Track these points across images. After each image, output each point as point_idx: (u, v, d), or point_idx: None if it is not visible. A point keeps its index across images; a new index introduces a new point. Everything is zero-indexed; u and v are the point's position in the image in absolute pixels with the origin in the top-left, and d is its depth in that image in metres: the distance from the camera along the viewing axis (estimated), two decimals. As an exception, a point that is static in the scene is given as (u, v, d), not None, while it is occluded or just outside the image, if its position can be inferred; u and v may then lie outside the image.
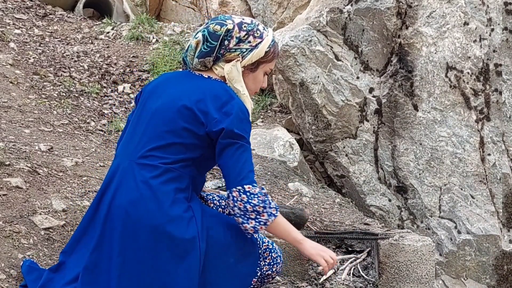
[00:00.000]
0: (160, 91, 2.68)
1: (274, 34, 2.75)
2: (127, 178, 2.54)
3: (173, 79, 2.72)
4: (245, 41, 2.63)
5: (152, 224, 2.48)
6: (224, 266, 2.63)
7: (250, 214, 2.51)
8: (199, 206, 2.61)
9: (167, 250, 2.49)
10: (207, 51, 2.63)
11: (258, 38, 2.65)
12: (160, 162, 2.53)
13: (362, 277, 3.36)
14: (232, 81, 2.63)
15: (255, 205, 2.50)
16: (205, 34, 2.62)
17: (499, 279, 4.49)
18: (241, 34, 2.63)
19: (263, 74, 2.73)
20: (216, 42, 2.61)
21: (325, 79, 4.53)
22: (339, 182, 4.71)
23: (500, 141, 4.48)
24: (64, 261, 2.66)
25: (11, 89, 4.56)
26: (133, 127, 2.67)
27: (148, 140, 2.57)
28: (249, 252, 2.70)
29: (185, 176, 2.56)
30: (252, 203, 2.50)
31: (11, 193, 3.20)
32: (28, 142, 3.85)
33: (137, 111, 2.71)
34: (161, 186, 2.51)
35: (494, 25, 4.44)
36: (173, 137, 2.55)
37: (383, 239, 3.38)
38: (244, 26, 2.64)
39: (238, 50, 2.63)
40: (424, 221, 4.53)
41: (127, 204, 2.51)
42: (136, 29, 6.07)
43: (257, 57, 2.66)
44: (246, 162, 2.53)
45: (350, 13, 4.49)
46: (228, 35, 2.61)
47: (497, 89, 4.46)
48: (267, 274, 2.76)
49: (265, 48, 2.66)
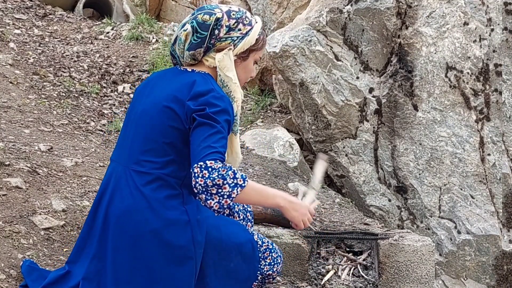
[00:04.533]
0: (147, 91, 2.64)
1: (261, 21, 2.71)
2: (121, 185, 2.52)
3: (160, 78, 2.67)
4: (235, 29, 2.58)
5: (146, 231, 2.46)
6: (224, 271, 2.62)
7: (211, 189, 2.32)
8: (196, 209, 2.57)
9: (162, 256, 2.47)
10: (198, 42, 2.56)
11: (248, 26, 2.61)
12: (151, 167, 2.49)
13: (362, 277, 3.36)
14: (224, 70, 2.57)
15: (214, 178, 2.30)
16: (194, 25, 2.55)
17: (499, 279, 4.49)
18: (230, 22, 2.57)
19: (253, 62, 2.69)
20: (206, 32, 2.55)
21: (325, 79, 4.53)
22: (339, 182, 4.71)
23: (500, 141, 4.48)
24: (70, 270, 2.64)
25: (11, 89, 4.56)
26: (124, 129, 2.65)
27: (138, 144, 2.53)
28: (249, 256, 2.69)
29: (177, 179, 2.51)
30: (212, 177, 2.31)
31: (11, 193, 3.20)
32: (28, 142, 3.85)
33: (127, 112, 2.69)
34: (153, 193, 2.48)
35: (494, 25, 4.44)
36: (160, 137, 2.50)
37: (383, 239, 3.38)
38: (233, 14, 2.59)
39: (229, 39, 2.58)
40: (424, 221, 4.53)
41: (122, 212, 2.49)
42: (136, 29, 6.07)
43: (248, 44, 2.61)
44: (216, 141, 2.36)
45: (350, 13, 4.49)
46: (218, 24, 2.56)
47: (497, 89, 4.46)
48: (268, 274, 2.76)
49: (255, 35, 2.62)
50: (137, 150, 2.53)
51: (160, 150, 2.50)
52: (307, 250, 3.34)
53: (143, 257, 2.47)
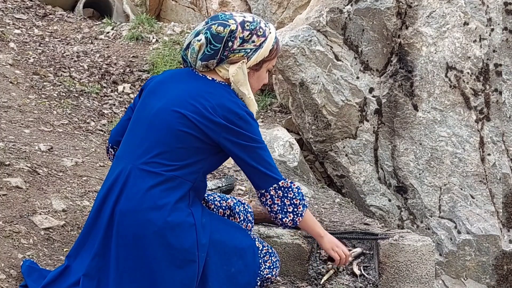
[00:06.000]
0: (162, 90, 2.61)
1: (275, 29, 2.70)
2: (130, 184, 2.50)
3: (176, 79, 2.65)
4: (249, 41, 2.56)
5: (151, 232, 2.46)
6: (225, 276, 2.61)
7: (288, 208, 2.60)
8: (201, 212, 2.57)
9: (164, 258, 2.47)
10: (211, 54, 2.55)
11: (262, 37, 2.58)
12: (162, 169, 2.48)
13: (362, 277, 3.35)
14: (238, 84, 2.57)
15: (292, 198, 2.60)
16: (208, 37, 2.53)
17: (499, 279, 4.49)
18: (244, 34, 2.55)
19: (266, 71, 2.68)
20: (220, 45, 2.53)
21: (325, 79, 4.53)
22: (339, 182, 4.71)
23: (500, 141, 4.48)
24: (69, 265, 2.64)
25: (11, 89, 4.56)
26: (133, 125, 2.62)
27: (151, 145, 2.52)
28: (250, 262, 2.68)
29: (187, 182, 2.52)
30: (289, 196, 2.59)
31: (11, 193, 3.20)
32: (28, 142, 3.85)
33: (138, 108, 2.65)
34: (161, 194, 2.48)
35: (494, 25, 4.44)
36: (174, 142, 2.50)
37: (383, 239, 3.38)
38: (247, 25, 2.56)
39: (242, 51, 2.56)
40: (424, 221, 4.53)
41: (128, 211, 2.48)
42: (136, 29, 6.07)
43: (261, 56, 2.59)
44: (269, 161, 2.59)
45: (350, 13, 4.49)
46: (232, 36, 2.53)
47: (497, 89, 4.46)
48: (267, 278, 2.76)
49: (269, 47, 2.60)
50: (148, 151, 2.51)
51: (173, 154, 2.50)
52: (307, 250, 3.34)
53: (146, 258, 2.47)
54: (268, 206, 2.61)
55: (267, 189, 2.58)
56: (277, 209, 2.61)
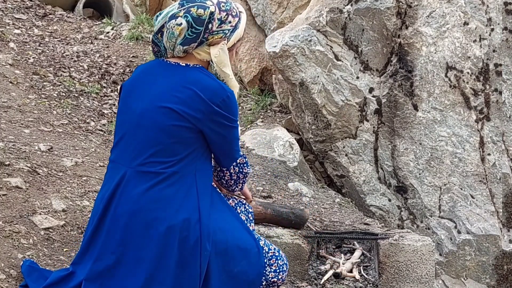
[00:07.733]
0: (140, 89, 2.58)
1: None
2: (130, 187, 2.49)
3: (149, 74, 2.61)
4: (225, 22, 2.56)
5: (154, 232, 2.46)
6: (228, 276, 2.60)
7: (240, 180, 2.74)
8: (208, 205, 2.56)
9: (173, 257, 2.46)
10: (192, 38, 2.52)
11: (236, 17, 2.60)
12: (161, 167, 2.48)
13: (362, 277, 3.35)
14: (221, 65, 2.56)
15: (246, 173, 2.73)
16: (189, 20, 2.50)
17: (499, 279, 4.49)
18: (222, 15, 2.55)
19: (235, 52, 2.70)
20: (201, 28, 2.51)
21: (325, 79, 4.53)
22: (339, 182, 4.71)
23: (500, 141, 4.48)
24: (73, 271, 2.63)
25: (11, 89, 4.56)
26: (120, 128, 2.59)
27: (144, 146, 2.50)
28: (254, 261, 2.66)
29: (189, 174, 2.51)
30: (244, 171, 2.72)
31: (11, 193, 3.20)
32: (28, 142, 3.85)
33: (120, 110, 2.62)
34: (164, 191, 2.47)
35: (494, 25, 4.44)
36: (167, 138, 2.48)
37: (383, 239, 3.38)
38: (223, 6, 2.56)
39: (220, 32, 2.55)
40: (424, 221, 4.53)
41: (130, 214, 2.47)
42: (136, 29, 6.07)
43: (238, 37, 2.62)
44: (238, 137, 2.66)
45: (350, 13, 4.49)
46: (211, 18, 2.52)
47: (497, 89, 4.46)
48: (273, 281, 2.72)
49: (243, 27, 2.63)
50: (142, 152, 2.50)
51: (168, 150, 2.49)
52: (307, 250, 3.34)
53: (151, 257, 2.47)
54: (225, 181, 2.72)
55: (228, 168, 2.68)
56: (232, 183, 2.73)
